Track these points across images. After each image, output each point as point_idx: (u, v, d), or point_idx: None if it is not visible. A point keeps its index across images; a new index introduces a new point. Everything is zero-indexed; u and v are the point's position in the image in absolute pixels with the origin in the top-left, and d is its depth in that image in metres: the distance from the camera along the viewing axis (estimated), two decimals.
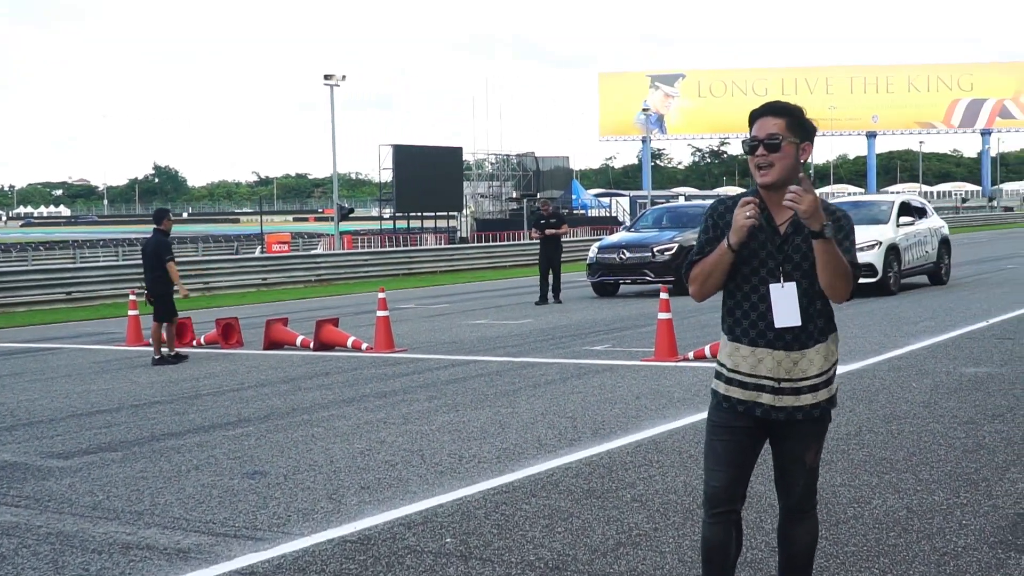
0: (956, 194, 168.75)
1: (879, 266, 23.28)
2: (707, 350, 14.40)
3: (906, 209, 25.70)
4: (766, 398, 4.67)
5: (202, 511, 7.77)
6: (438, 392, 12.72)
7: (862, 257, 21.97)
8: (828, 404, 4.75)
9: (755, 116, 4.74)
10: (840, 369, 12.29)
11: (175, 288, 16.88)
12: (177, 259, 17.69)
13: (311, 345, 17.02)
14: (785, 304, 4.62)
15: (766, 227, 4.63)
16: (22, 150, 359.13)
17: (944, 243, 26.68)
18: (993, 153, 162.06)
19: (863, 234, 22.66)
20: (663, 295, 15.18)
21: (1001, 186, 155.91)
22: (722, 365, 4.80)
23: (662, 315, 14.81)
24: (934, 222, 26.75)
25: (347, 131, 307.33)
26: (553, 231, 25.56)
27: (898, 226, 24.60)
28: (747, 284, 4.69)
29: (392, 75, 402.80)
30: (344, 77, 46.02)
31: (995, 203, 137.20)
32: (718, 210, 4.80)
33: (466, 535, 6.90)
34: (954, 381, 12.08)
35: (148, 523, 7.52)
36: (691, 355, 14.50)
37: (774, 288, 4.63)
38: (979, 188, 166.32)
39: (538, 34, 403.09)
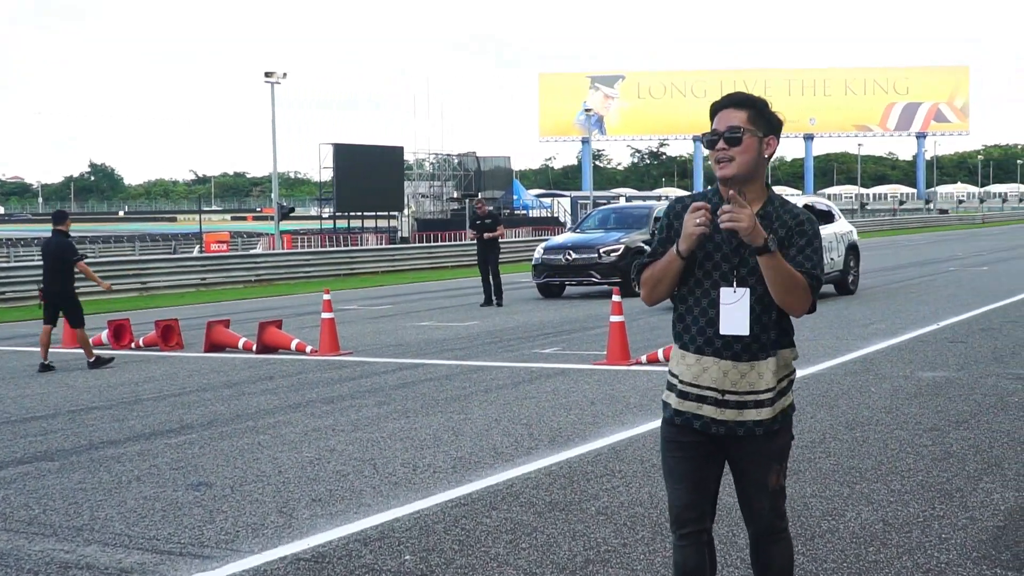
0: (892, 196, 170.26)
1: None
2: (660, 354, 14.14)
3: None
4: (707, 410, 4.34)
5: (145, 526, 7.37)
6: (387, 397, 12.37)
7: None
8: (774, 424, 4.37)
9: (717, 108, 4.43)
10: (797, 373, 12.09)
11: (95, 284, 16.51)
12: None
13: (254, 348, 16.59)
14: (734, 310, 4.30)
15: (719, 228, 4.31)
16: None
17: (852, 249, 24.89)
18: (928, 156, 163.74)
19: None
20: (615, 297, 14.92)
21: (936, 189, 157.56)
22: (670, 373, 4.49)
23: (614, 318, 14.54)
24: (840, 227, 24.98)
25: (287, 130, 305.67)
26: (489, 233, 25.18)
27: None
28: (699, 288, 4.38)
29: (334, 74, 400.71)
30: (285, 75, 45.43)
31: (931, 205, 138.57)
32: (675, 210, 4.48)
33: (426, 552, 6.56)
34: (913, 386, 11.89)
35: (88, 539, 7.12)
36: (644, 359, 14.24)
37: (725, 292, 4.31)
38: (914, 191, 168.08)
39: (479, 34, 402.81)
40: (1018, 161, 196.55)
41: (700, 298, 4.36)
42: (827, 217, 24.35)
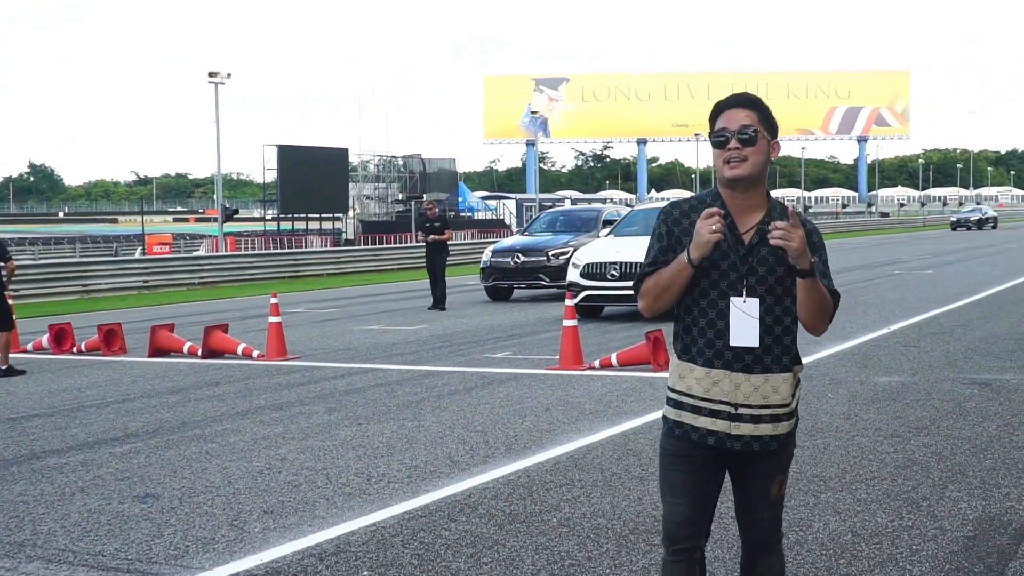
0: (834, 200, 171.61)
1: None
2: (613, 359, 13.99)
3: None
4: (721, 425, 4.17)
5: (90, 541, 7.09)
6: (337, 403, 12.11)
7: None
8: (788, 439, 4.28)
9: (721, 108, 4.27)
10: None
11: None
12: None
13: (199, 352, 16.26)
14: (744, 321, 4.14)
15: (728, 235, 4.15)
16: None
17: None
18: (870, 160, 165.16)
19: None
20: (568, 301, 14.75)
21: (877, 192, 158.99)
22: (671, 388, 4.30)
23: (567, 322, 14.37)
24: None
25: (231, 130, 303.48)
26: (436, 236, 24.85)
27: None
28: (705, 299, 4.20)
29: (278, 74, 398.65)
30: (229, 75, 44.92)
31: (873, 209, 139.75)
32: (672, 215, 4.31)
33: (384, 567, 6.33)
34: (869, 391, 11.80)
35: (30, 556, 6.83)
36: (597, 363, 14.07)
37: (735, 302, 4.15)
38: (855, 194, 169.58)
39: (423, 35, 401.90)
40: (958, 165, 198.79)
41: (707, 308, 4.20)
42: None
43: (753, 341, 4.12)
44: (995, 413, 10.53)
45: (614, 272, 20.11)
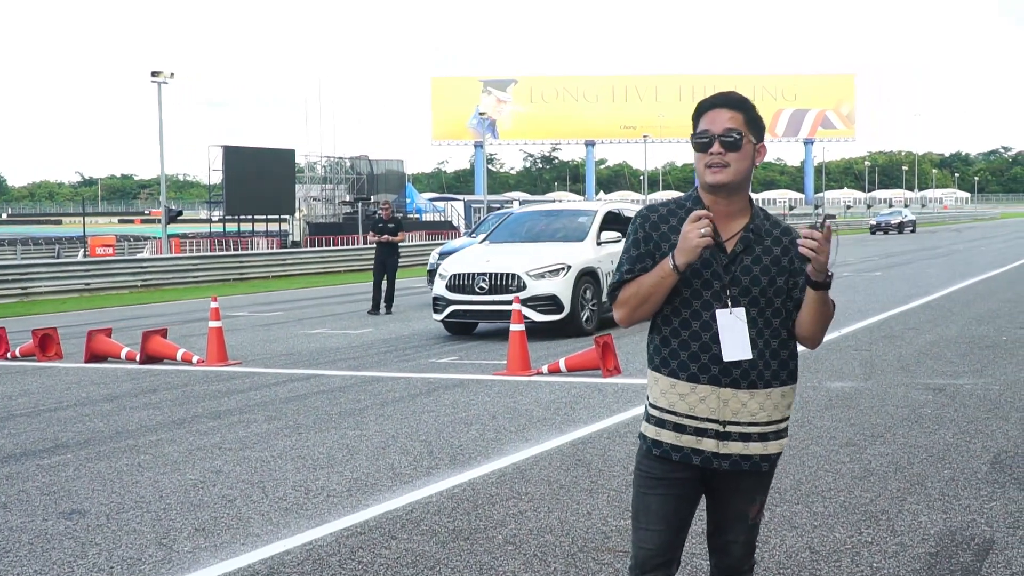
0: (781, 202, 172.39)
1: (566, 299, 17.59)
2: (562, 364, 13.70)
3: (612, 220, 19.80)
4: (708, 444, 3.91)
5: (9, 562, 6.69)
6: (277, 412, 11.73)
7: (543, 286, 17.61)
8: (776, 460, 4.04)
9: (705, 107, 3.99)
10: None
11: None
12: None
13: (137, 358, 15.81)
14: (734, 333, 3.88)
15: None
16: None
17: None
18: (816, 162, 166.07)
19: (548, 255, 18.17)
20: (515, 306, 14.44)
21: (823, 194, 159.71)
22: (651, 405, 4.02)
23: (514, 327, 14.07)
24: None
25: (175, 131, 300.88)
26: (390, 237, 24.37)
27: (599, 244, 18.93)
28: (687, 309, 3.93)
29: (223, 74, 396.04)
30: (172, 75, 44.24)
31: (821, 210, 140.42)
32: (650, 220, 4.03)
33: None
34: (823, 397, 11.57)
35: None
36: (545, 369, 13.78)
37: (721, 314, 3.88)
38: (802, 196, 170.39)
39: (371, 36, 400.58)
40: (903, 167, 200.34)
41: (689, 320, 3.93)
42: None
43: (746, 353, 3.87)
44: (951, 420, 10.32)
45: (483, 284, 17.75)
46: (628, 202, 28.45)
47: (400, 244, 25.23)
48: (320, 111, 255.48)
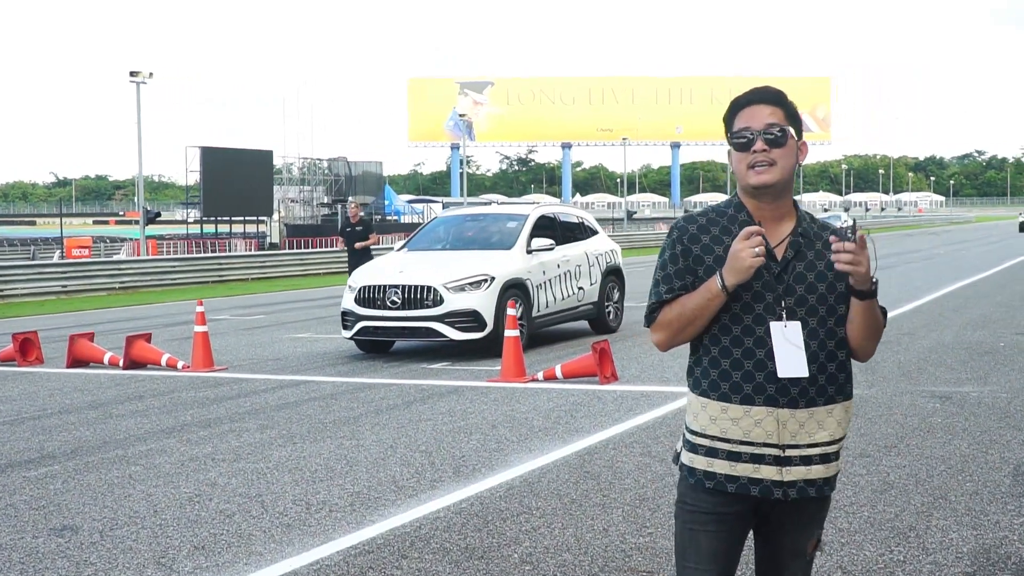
0: None
1: (488, 315, 15.74)
2: (558, 370, 13.41)
3: (546, 226, 18.13)
4: (767, 472, 3.57)
5: None
6: (269, 420, 11.40)
7: (462, 301, 15.73)
8: (834, 482, 3.71)
9: (741, 104, 3.68)
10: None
11: None
12: None
13: (121, 363, 15.44)
14: (789, 348, 3.54)
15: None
16: None
17: (612, 275, 19.19)
18: None
19: (470, 265, 16.31)
20: (511, 311, 14.14)
21: (800, 197, 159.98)
22: (696, 433, 3.67)
23: (509, 332, 13.77)
24: (597, 244, 19.13)
25: (152, 131, 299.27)
26: (361, 243, 23.70)
27: (530, 252, 17.13)
28: (737, 325, 3.60)
29: (201, 75, 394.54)
30: (151, 75, 43.78)
31: (847, 216, 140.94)
32: (689, 231, 3.69)
33: None
34: None
35: None
36: (540, 375, 13.49)
37: (775, 328, 3.55)
38: None
39: (349, 38, 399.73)
40: (880, 171, 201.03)
41: (741, 336, 3.59)
42: (574, 231, 18.85)
43: (803, 371, 3.54)
44: (963, 429, 10.08)
45: (395, 298, 15.81)
46: (562, 205, 26.87)
47: (373, 247, 24.44)
48: (298, 112, 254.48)
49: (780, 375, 3.54)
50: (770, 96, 3.66)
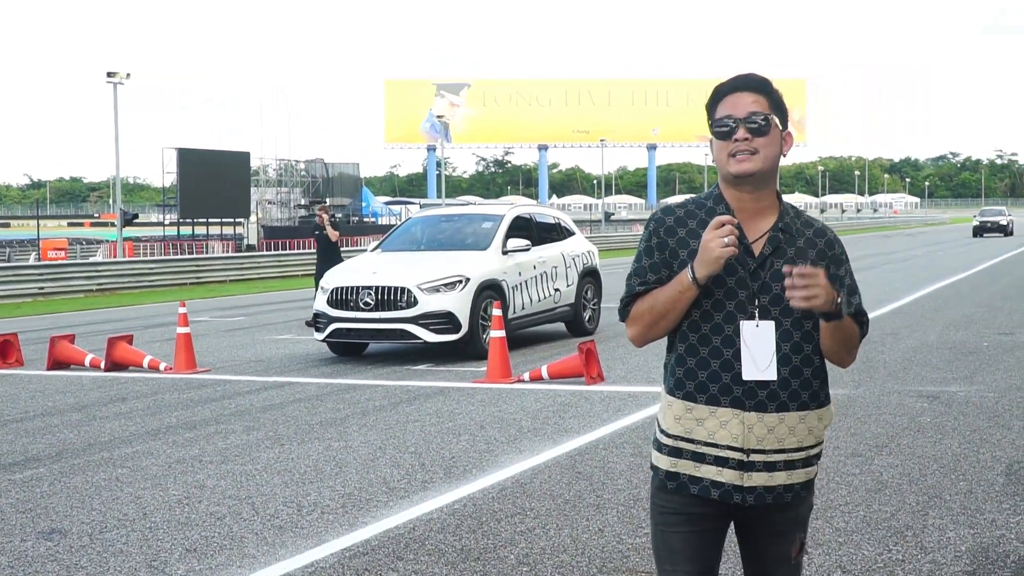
0: None
1: (463, 316, 15.57)
2: (544, 371, 13.37)
3: (522, 227, 17.96)
4: (729, 475, 3.46)
5: None
6: (255, 421, 11.31)
7: (437, 302, 15.49)
8: (804, 489, 3.57)
9: (724, 92, 3.57)
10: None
11: None
12: None
13: (103, 365, 15.31)
14: (759, 349, 3.43)
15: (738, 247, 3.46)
16: None
17: (589, 276, 18.98)
18: None
19: (444, 266, 16.09)
20: (495, 311, 14.06)
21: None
22: (663, 432, 3.57)
23: (495, 333, 13.72)
24: (574, 245, 18.92)
25: (128, 133, 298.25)
26: (332, 234, 23.11)
27: (505, 253, 16.93)
28: (708, 322, 3.48)
29: (177, 76, 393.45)
30: (128, 75, 43.55)
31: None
32: (665, 223, 3.59)
33: None
34: None
35: None
36: (527, 376, 13.44)
37: (746, 327, 3.44)
38: None
39: (325, 39, 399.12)
40: (855, 172, 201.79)
41: (710, 335, 3.48)
42: (550, 232, 18.68)
43: (770, 373, 3.42)
44: (953, 429, 10.07)
45: (368, 300, 15.58)
46: (538, 205, 26.48)
47: (338, 243, 23.58)
48: (275, 114, 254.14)
49: (745, 377, 3.43)
50: (754, 83, 3.56)
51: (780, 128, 3.54)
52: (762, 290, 3.46)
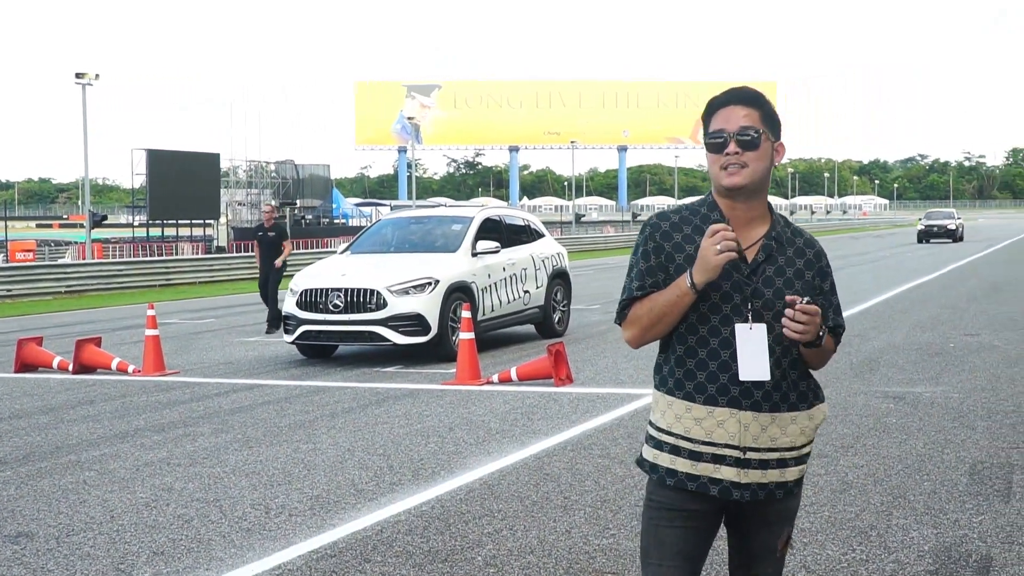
0: None
1: (432, 319, 15.59)
2: (513, 373, 13.41)
3: (492, 229, 18.00)
4: (727, 472, 3.58)
5: None
6: (223, 424, 11.30)
7: (406, 304, 15.49)
8: (796, 485, 3.71)
9: (717, 105, 3.68)
10: (648, 396, 11.61)
11: None
12: None
13: (71, 367, 15.25)
14: (753, 351, 3.55)
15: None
16: None
17: (559, 278, 19.00)
18: None
19: (414, 268, 16.10)
20: (465, 313, 14.08)
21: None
22: (662, 430, 3.67)
23: (464, 335, 13.74)
24: (543, 247, 18.96)
25: (96, 134, 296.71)
26: (279, 260, 21.21)
27: (475, 255, 16.94)
28: (704, 325, 3.61)
29: (148, 78, 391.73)
30: (97, 76, 43.35)
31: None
32: (661, 228, 3.70)
33: None
34: None
35: None
36: (495, 378, 13.47)
37: (740, 330, 3.56)
38: None
39: (295, 40, 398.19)
40: (825, 174, 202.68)
41: (707, 337, 3.60)
42: (519, 234, 18.71)
43: (764, 374, 3.55)
44: (918, 429, 10.16)
45: (337, 302, 15.57)
46: (508, 207, 26.33)
47: (286, 256, 21.45)
48: (245, 115, 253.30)
49: (742, 377, 3.56)
50: (747, 97, 3.67)
51: (772, 140, 3.66)
52: (755, 295, 3.59)
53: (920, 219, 73.03)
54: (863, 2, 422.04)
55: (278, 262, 21.30)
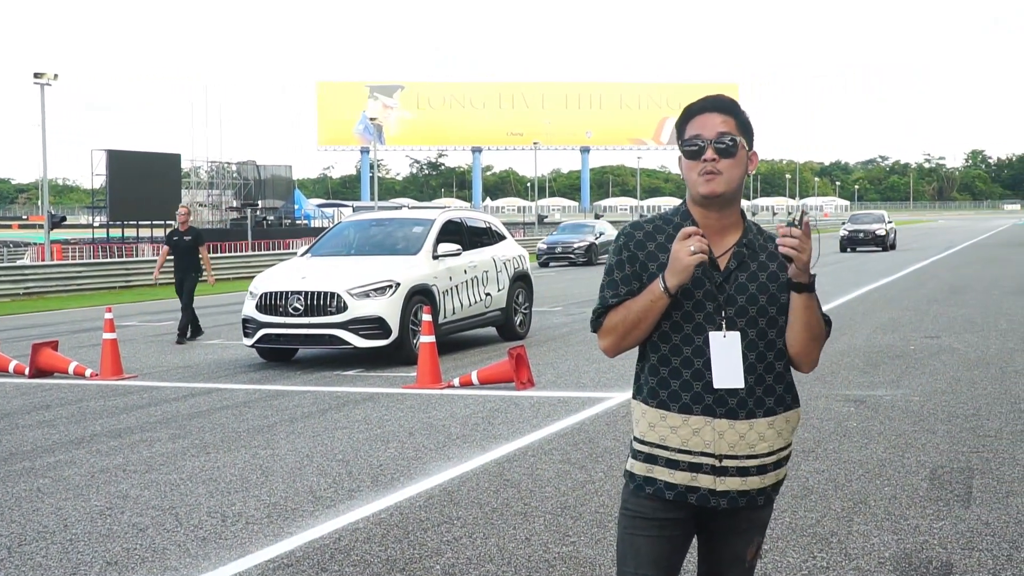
0: (666, 208, 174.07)
1: (393, 322, 15.51)
2: (474, 376, 13.33)
3: (453, 231, 17.88)
4: (704, 480, 3.58)
5: None
6: (181, 429, 11.18)
7: (367, 307, 15.46)
8: (774, 491, 3.71)
9: (693, 112, 3.69)
10: (610, 400, 11.52)
11: None
12: None
13: (27, 371, 15.08)
14: (727, 359, 3.56)
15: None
16: None
17: (520, 280, 19.04)
18: None
19: (374, 271, 16.00)
20: (426, 316, 14.00)
21: (803, 202, 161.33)
22: (638, 440, 3.68)
23: (425, 338, 13.67)
24: (505, 250, 18.96)
25: (56, 134, 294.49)
26: (210, 277, 21.00)
27: (436, 257, 16.86)
28: (677, 333, 3.61)
29: (106, 76, 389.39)
30: (56, 76, 42.99)
31: (797, 207, 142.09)
32: (635, 238, 3.70)
33: None
34: None
35: None
36: (456, 382, 13.39)
37: (714, 338, 3.57)
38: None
39: (256, 40, 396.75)
40: (786, 175, 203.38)
41: (680, 345, 3.61)
42: (481, 236, 18.71)
43: (739, 382, 3.56)
44: (878, 433, 10.16)
45: (297, 305, 15.47)
46: (471, 210, 26.35)
47: (206, 267, 21.04)
48: (206, 115, 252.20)
49: (716, 385, 3.57)
50: (723, 105, 3.67)
51: (746, 149, 3.67)
52: (728, 302, 3.60)
53: (844, 223, 62.54)
54: (824, 4, 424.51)
55: (211, 280, 21.04)
